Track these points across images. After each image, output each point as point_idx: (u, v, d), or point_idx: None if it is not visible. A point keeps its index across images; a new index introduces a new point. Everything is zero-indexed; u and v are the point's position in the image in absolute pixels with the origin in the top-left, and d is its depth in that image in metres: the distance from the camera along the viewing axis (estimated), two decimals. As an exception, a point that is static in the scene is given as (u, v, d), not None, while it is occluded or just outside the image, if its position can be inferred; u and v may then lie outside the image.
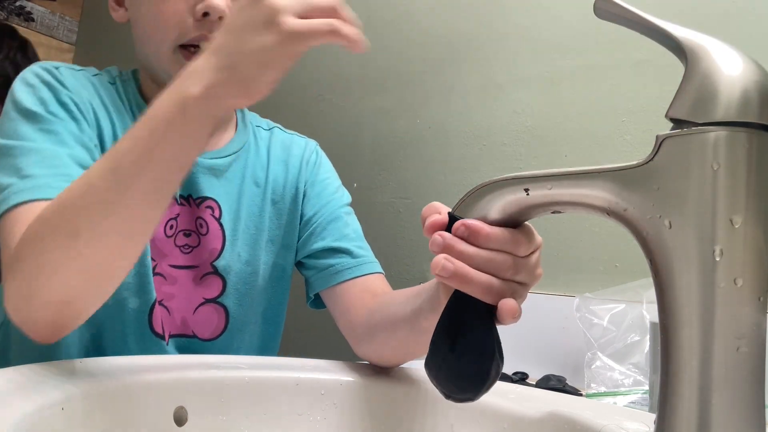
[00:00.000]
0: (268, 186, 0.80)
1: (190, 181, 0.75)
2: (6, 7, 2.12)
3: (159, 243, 0.72)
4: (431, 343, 0.39)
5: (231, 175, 0.78)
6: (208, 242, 0.75)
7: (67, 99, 0.66)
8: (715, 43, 0.30)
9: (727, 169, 0.28)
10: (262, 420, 0.54)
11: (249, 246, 0.77)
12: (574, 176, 0.33)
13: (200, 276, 0.74)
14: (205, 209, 0.75)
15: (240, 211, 0.77)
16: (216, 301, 0.75)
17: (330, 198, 0.82)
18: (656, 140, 0.30)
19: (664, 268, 0.30)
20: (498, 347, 0.37)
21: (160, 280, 0.72)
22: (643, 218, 0.31)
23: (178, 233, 0.74)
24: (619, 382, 0.91)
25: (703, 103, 0.29)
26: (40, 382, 0.42)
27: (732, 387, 0.28)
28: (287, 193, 0.81)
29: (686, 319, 0.29)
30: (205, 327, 0.75)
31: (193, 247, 0.74)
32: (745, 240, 0.28)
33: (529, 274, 0.39)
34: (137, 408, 0.47)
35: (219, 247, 0.75)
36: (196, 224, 0.75)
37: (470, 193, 0.37)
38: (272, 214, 0.80)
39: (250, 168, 0.80)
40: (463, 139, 1.30)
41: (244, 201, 0.78)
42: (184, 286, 0.73)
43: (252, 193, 0.79)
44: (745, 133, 0.28)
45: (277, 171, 0.82)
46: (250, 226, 0.78)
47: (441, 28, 1.37)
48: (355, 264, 0.75)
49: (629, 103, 1.10)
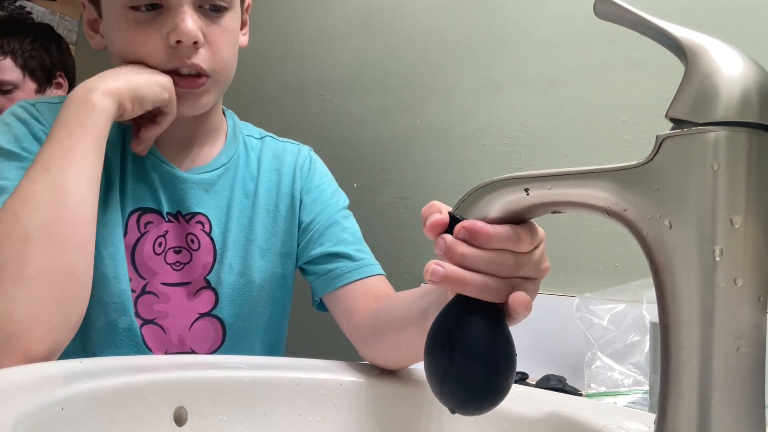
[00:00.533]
0: (259, 196, 0.80)
1: (179, 197, 0.74)
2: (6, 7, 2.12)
3: (148, 261, 0.72)
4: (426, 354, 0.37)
5: (220, 188, 0.77)
6: (201, 257, 0.74)
7: (41, 133, 0.68)
8: (716, 43, 0.30)
9: (727, 169, 0.28)
10: (261, 420, 0.54)
11: (240, 257, 0.77)
12: (574, 176, 0.33)
13: (194, 292, 0.74)
14: (195, 225, 0.75)
15: (229, 223, 0.77)
16: (210, 315, 0.75)
17: (326, 203, 0.82)
18: (656, 140, 0.30)
19: (664, 268, 0.30)
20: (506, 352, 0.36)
21: (152, 299, 0.72)
22: (643, 218, 0.31)
23: (167, 251, 0.73)
24: (619, 382, 0.91)
25: (704, 103, 0.29)
26: (40, 382, 0.42)
27: (732, 387, 0.28)
28: (282, 202, 0.81)
29: (686, 319, 0.29)
30: (203, 342, 0.74)
31: (185, 263, 0.74)
32: (745, 240, 0.28)
33: (535, 269, 0.39)
34: (137, 408, 0.47)
35: (211, 261, 0.75)
36: (186, 240, 0.74)
37: (470, 193, 0.37)
38: (265, 224, 0.80)
39: (240, 179, 0.79)
40: (463, 139, 1.30)
41: (233, 213, 0.77)
42: (178, 304, 0.73)
43: (242, 204, 0.78)
44: (745, 133, 0.28)
45: (268, 180, 0.81)
46: (240, 237, 0.77)
47: (441, 28, 1.37)
48: (355, 267, 0.74)
49: (629, 103, 1.10)
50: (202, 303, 0.74)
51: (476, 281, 0.36)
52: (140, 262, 0.71)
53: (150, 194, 0.74)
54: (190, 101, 0.70)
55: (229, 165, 0.79)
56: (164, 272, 0.73)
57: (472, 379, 0.36)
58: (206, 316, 0.74)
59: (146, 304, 0.71)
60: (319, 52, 1.55)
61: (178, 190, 0.74)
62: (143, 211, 0.73)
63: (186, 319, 0.73)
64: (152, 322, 0.71)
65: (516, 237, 0.37)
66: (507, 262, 0.37)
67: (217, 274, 0.75)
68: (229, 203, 0.78)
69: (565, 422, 0.48)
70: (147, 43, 0.66)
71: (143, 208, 0.73)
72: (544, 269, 0.40)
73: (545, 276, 0.40)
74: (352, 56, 1.51)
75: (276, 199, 0.81)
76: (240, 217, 0.78)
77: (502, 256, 0.37)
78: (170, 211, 0.74)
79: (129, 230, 0.72)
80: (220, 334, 0.75)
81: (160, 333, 0.72)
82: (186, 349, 0.73)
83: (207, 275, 0.75)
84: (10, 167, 0.64)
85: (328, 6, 1.58)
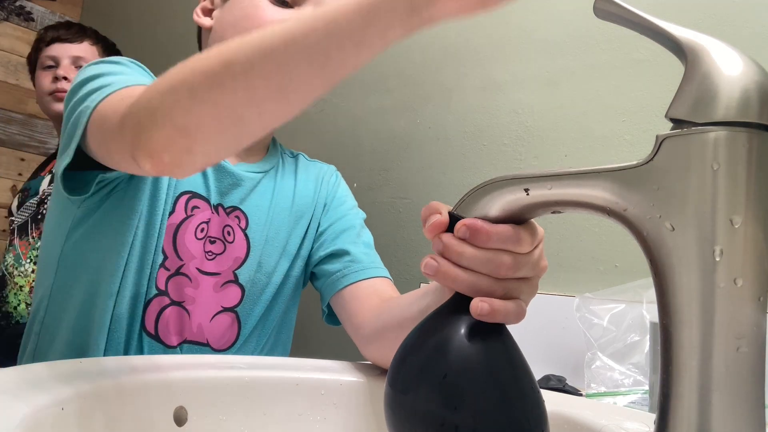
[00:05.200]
0: (295, 204, 0.84)
1: (225, 189, 0.77)
2: (6, 7, 2.12)
3: (189, 244, 0.74)
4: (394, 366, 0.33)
5: (261, 189, 0.81)
6: (234, 251, 0.77)
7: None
8: (715, 43, 0.30)
9: (727, 169, 0.28)
10: (261, 420, 0.54)
11: (269, 257, 0.80)
12: (574, 176, 0.33)
13: (221, 284, 0.76)
14: (233, 219, 0.78)
15: (267, 224, 0.80)
16: (233, 310, 0.76)
17: (346, 212, 0.86)
18: (656, 140, 0.30)
19: (664, 268, 0.30)
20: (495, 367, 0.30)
21: (185, 281, 0.73)
22: (643, 218, 0.31)
23: (206, 239, 0.75)
24: (619, 382, 0.91)
25: (704, 103, 0.29)
26: (40, 382, 0.42)
27: (732, 387, 0.28)
28: (307, 210, 0.85)
29: (686, 319, 0.29)
30: (219, 336, 0.76)
31: (217, 254, 0.76)
32: (745, 240, 0.28)
33: (533, 269, 0.38)
34: (137, 408, 0.47)
35: (243, 257, 0.78)
36: (223, 232, 0.77)
37: (470, 193, 0.37)
38: (296, 231, 0.83)
39: (279, 186, 0.83)
40: (463, 139, 1.30)
41: (272, 215, 0.81)
42: (205, 292, 0.74)
43: (279, 207, 0.82)
44: (746, 133, 0.28)
45: (302, 191, 0.85)
46: (272, 238, 0.80)
47: (441, 28, 1.37)
48: (361, 267, 0.77)
49: (629, 103, 1.10)
50: (227, 297, 0.76)
51: (467, 278, 0.36)
52: (180, 243, 0.73)
53: (202, 181, 0.76)
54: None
55: (270, 171, 0.83)
56: (200, 258, 0.75)
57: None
58: (228, 311, 0.76)
59: (178, 286, 0.73)
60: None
61: (225, 183, 0.77)
62: (193, 195, 0.75)
63: (210, 310, 0.75)
64: (179, 304, 0.73)
65: (516, 237, 0.36)
66: (505, 263, 0.36)
67: (246, 270, 0.77)
68: (269, 206, 0.81)
69: (565, 422, 0.48)
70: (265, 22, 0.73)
71: (193, 193, 0.75)
72: (542, 268, 0.39)
73: (543, 275, 0.40)
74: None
75: (305, 208, 0.85)
76: (277, 222, 0.81)
77: (499, 256, 0.36)
78: (214, 202, 0.77)
79: (177, 210, 0.73)
80: (235, 332, 0.77)
81: (184, 316, 0.73)
82: (203, 340, 0.74)
83: (236, 269, 0.77)
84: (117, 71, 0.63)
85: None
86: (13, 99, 2.19)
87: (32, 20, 2.20)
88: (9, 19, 2.13)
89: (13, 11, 2.14)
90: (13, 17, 2.14)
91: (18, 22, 2.16)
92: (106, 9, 2.30)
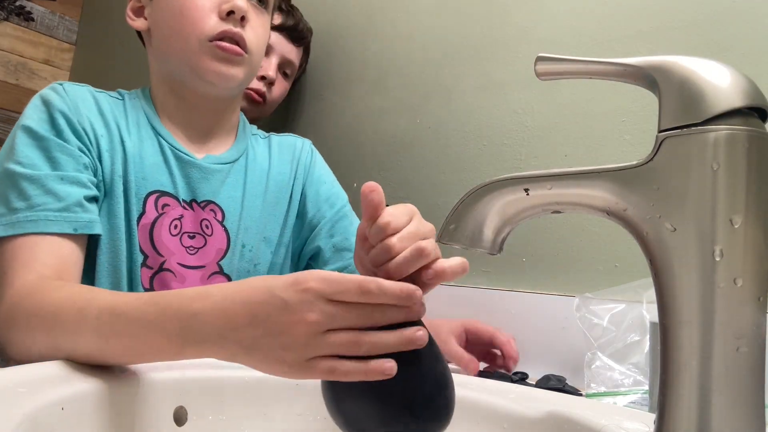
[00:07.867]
0: (269, 190, 0.84)
1: (194, 185, 0.78)
2: (6, 7, 2.12)
3: (165, 240, 0.75)
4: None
5: (231, 181, 0.81)
6: (215, 242, 0.78)
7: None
8: (675, 57, 0.31)
9: (727, 169, 0.28)
10: (261, 420, 0.54)
11: (251, 245, 0.80)
12: (574, 176, 0.33)
13: (207, 276, 0.77)
14: (209, 212, 0.78)
15: (242, 213, 0.80)
16: None
17: (329, 195, 0.87)
18: (656, 140, 0.30)
19: (664, 268, 0.30)
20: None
21: (169, 276, 0.74)
22: (643, 218, 0.31)
23: (182, 234, 0.76)
24: (619, 382, 0.91)
25: (694, 103, 0.29)
26: (40, 382, 0.42)
27: (732, 387, 0.28)
28: (283, 195, 0.85)
29: (686, 319, 0.29)
30: None
31: (199, 248, 0.77)
32: (745, 240, 0.28)
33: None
34: (137, 408, 0.47)
35: (224, 248, 0.78)
36: (201, 226, 0.77)
37: (470, 193, 0.37)
38: (273, 215, 0.84)
39: (250, 173, 0.83)
40: (463, 139, 1.30)
41: (246, 205, 0.81)
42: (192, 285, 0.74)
43: (253, 196, 0.82)
44: (746, 132, 0.28)
45: (274, 174, 0.86)
46: (251, 227, 0.81)
47: (441, 28, 1.37)
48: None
49: (629, 103, 1.10)
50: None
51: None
52: (158, 240, 0.74)
53: (169, 179, 0.77)
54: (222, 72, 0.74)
55: (240, 159, 0.83)
56: (180, 253, 0.75)
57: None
58: None
59: (163, 282, 0.74)
60: (320, 52, 1.55)
61: (193, 177, 0.78)
62: (161, 194, 0.76)
63: None
64: None
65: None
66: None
67: (230, 260, 0.78)
68: (242, 194, 0.81)
69: (565, 422, 0.48)
70: (200, 9, 0.74)
71: (161, 191, 0.76)
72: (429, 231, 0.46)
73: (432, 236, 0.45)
74: (351, 56, 1.51)
75: (279, 191, 0.85)
76: (251, 209, 0.82)
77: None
78: (185, 198, 0.77)
79: (147, 209, 0.74)
80: None
81: None
82: None
83: (220, 260, 0.78)
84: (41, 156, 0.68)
85: (328, 5, 1.58)
86: (13, 99, 2.18)
87: (32, 20, 2.20)
88: (9, 19, 2.13)
89: (13, 11, 2.14)
90: (13, 17, 2.14)
91: (18, 22, 2.16)
92: (106, 9, 2.30)
